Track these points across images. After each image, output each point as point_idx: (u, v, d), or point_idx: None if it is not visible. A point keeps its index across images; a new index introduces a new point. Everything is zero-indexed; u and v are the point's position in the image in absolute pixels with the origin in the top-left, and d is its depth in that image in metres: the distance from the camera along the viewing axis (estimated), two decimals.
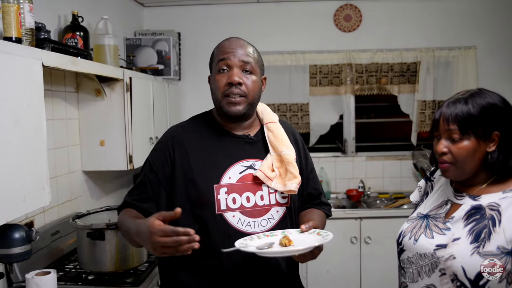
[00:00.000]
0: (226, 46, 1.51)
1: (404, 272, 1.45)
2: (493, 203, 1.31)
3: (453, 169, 1.35)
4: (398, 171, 4.13)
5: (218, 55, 1.51)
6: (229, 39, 1.55)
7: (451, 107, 1.33)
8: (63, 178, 2.50)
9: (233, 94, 1.47)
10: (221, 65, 1.49)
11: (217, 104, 1.52)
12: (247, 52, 1.51)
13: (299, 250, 1.26)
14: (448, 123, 1.32)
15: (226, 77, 1.48)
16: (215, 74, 1.51)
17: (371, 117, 4.48)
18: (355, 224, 3.57)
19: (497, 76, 3.94)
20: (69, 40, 2.37)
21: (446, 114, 1.33)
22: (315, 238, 1.34)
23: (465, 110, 1.31)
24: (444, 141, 1.35)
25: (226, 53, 1.49)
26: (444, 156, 1.35)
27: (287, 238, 1.32)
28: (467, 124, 1.30)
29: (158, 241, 1.21)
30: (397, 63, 3.98)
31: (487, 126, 1.31)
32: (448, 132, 1.33)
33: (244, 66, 1.49)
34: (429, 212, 1.47)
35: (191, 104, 4.00)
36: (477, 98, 1.33)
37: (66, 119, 2.54)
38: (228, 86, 1.47)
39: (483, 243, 1.26)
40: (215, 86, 1.51)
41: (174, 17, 4.02)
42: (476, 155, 1.32)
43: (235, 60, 1.48)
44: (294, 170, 1.52)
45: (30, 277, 1.55)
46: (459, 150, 1.32)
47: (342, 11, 3.99)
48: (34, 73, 1.68)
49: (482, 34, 3.97)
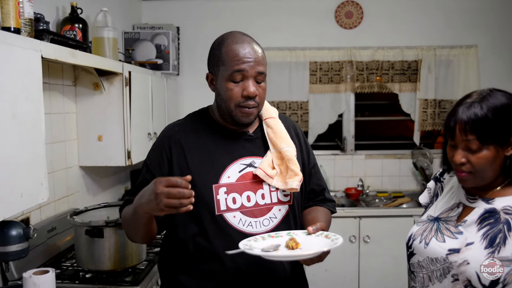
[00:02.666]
0: (241, 54, 1.40)
1: (414, 276, 1.41)
2: (508, 206, 1.27)
3: (472, 177, 1.29)
4: (397, 170, 4.11)
5: (232, 63, 1.40)
6: (242, 43, 1.42)
7: (466, 113, 1.25)
8: (59, 174, 2.44)
9: (249, 106, 1.42)
10: (236, 76, 1.40)
11: (227, 111, 1.45)
12: (261, 60, 1.43)
13: (307, 254, 1.21)
14: (466, 133, 1.24)
15: (240, 88, 1.40)
16: (227, 82, 1.41)
17: (365, 115, 4.44)
18: (354, 223, 3.54)
19: (498, 75, 3.92)
20: (68, 32, 2.31)
21: (463, 122, 1.25)
22: (324, 242, 1.29)
23: (482, 116, 1.23)
24: (462, 151, 1.27)
25: (242, 63, 1.39)
26: (463, 167, 1.28)
27: (294, 240, 1.28)
28: (486, 133, 1.23)
29: (163, 190, 1.18)
30: (398, 61, 3.94)
31: (504, 131, 1.25)
32: (466, 142, 1.26)
33: (259, 76, 1.42)
34: (440, 214, 1.43)
35: (189, 99, 3.94)
36: (490, 100, 1.25)
37: (64, 113, 2.48)
38: (244, 98, 1.41)
39: (498, 248, 1.22)
40: (227, 95, 1.42)
41: (173, 11, 3.96)
42: (496, 162, 1.27)
43: (252, 71, 1.40)
44: (295, 167, 1.47)
45: (28, 276, 1.50)
46: (478, 160, 1.26)
47: (344, 8, 3.95)
48: (32, 65, 1.63)
49: (483, 33, 3.94)
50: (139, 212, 1.31)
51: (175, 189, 1.18)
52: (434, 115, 3.96)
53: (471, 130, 1.24)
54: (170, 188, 1.18)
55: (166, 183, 1.19)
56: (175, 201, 1.18)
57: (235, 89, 1.41)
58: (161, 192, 1.18)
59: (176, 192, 1.18)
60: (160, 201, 1.19)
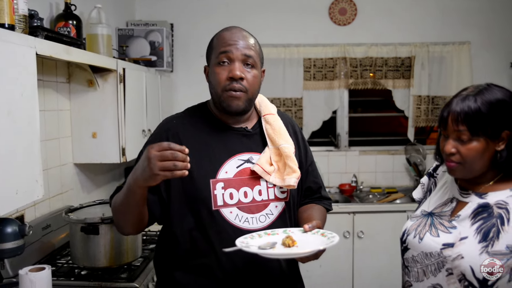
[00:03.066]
0: (227, 37, 1.44)
1: (408, 271, 1.43)
2: (501, 201, 1.29)
3: (461, 168, 1.32)
4: (391, 165, 4.14)
5: (219, 46, 1.44)
6: (230, 29, 1.47)
7: (460, 104, 1.28)
8: (54, 171, 2.43)
9: (234, 89, 1.41)
10: (221, 58, 1.42)
11: (216, 98, 1.46)
12: (250, 44, 1.45)
13: (304, 253, 1.22)
14: (458, 123, 1.27)
15: (227, 70, 1.41)
16: (215, 67, 1.43)
17: (357, 112, 4.45)
18: (348, 219, 3.56)
19: (491, 72, 3.95)
20: (62, 29, 2.30)
21: (455, 113, 1.28)
22: (320, 240, 1.30)
23: (475, 109, 1.26)
24: (453, 141, 1.30)
25: (228, 45, 1.42)
26: (452, 157, 1.31)
27: (290, 238, 1.28)
28: (477, 125, 1.26)
29: (155, 154, 1.17)
30: (392, 57, 3.96)
31: (496, 125, 1.27)
32: (457, 132, 1.28)
33: (246, 59, 1.42)
34: (434, 210, 1.45)
35: (183, 96, 3.94)
36: (486, 95, 1.28)
37: (58, 110, 2.47)
38: (229, 81, 1.41)
39: (491, 242, 1.24)
40: (215, 79, 1.43)
41: (166, 8, 3.95)
42: (485, 155, 1.29)
43: (238, 53, 1.41)
44: (293, 164, 1.47)
45: (24, 273, 1.49)
46: (468, 151, 1.28)
47: (337, 4, 3.96)
48: (27, 61, 1.62)
49: (476, 29, 3.98)
50: (132, 189, 1.28)
51: (167, 151, 1.17)
52: (427, 111, 3.98)
53: (462, 121, 1.26)
54: (163, 151, 1.18)
55: (158, 148, 1.18)
56: (169, 163, 1.17)
57: (222, 72, 1.42)
58: (154, 156, 1.17)
59: (169, 154, 1.17)
60: (154, 165, 1.17)
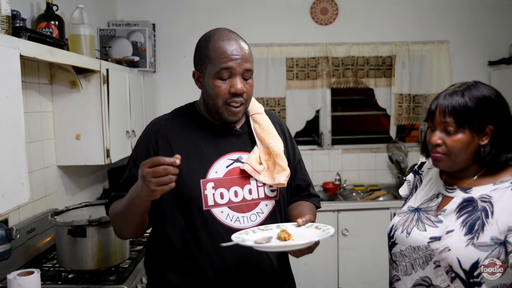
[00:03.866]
0: (228, 51, 1.40)
1: (396, 265, 1.45)
2: (485, 195, 1.33)
3: (445, 159, 1.36)
4: (373, 163, 4.19)
5: (219, 61, 1.40)
6: (229, 40, 1.42)
7: (448, 99, 1.34)
8: (37, 174, 2.40)
9: (236, 104, 1.42)
10: (223, 74, 1.40)
11: (214, 109, 1.45)
12: (249, 58, 1.44)
13: (302, 244, 1.22)
14: (445, 115, 1.33)
15: (228, 85, 1.40)
16: (214, 80, 1.41)
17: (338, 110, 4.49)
18: (332, 217, 3.60)
19: (469, 70, 4.04)
20: (44, 30, 2.27)
21: (443, 106, 1.34)
22: (315, 232, 1.31)
23: (462, 103, 1.31)
24: (439, 132, 1.35)
25: (230, 61, 1.39)
26: (438, 148, 1.36)
27: (286, 232, 1.29)
28: (463, 117, 1.31)
29: (148, 171, 1.18)
30: (373, 56, 4.01)
31: (481, 120, 1.32)
32: (444, 124, 1.34)
33: (246, 73, 1.43)
34: (420, 205, 1.48)
35: (165, 96, 3.93)
36: (473, 91, 1.34)
37: (40, 112, 2.44)
38: (231, 95, 1.41)
39: (477, 235, 1.28)
40: (215, 93, 1.42)
41: (148, 8, 3.92)
42: (470, 147, 1.34)
43: (239, 69, 1.40)
44: (282, 163, 1.48)
45: (12, 278, 1.47)
46: (453, 143, 1.33)
47: (319, 4, 3.99)
48: (11, 63, 1.60)
49: (454, 29, 4.06)
50: (136, 202, 1.29)
51: (159, 167, 1.18)
52: (409, 109, 4.05)
53: (450, 113, 1.32)
54: (155, 167, 1.18)
55: (150, 164, 1.19)
56: (163, 179, 1.18)
57: (223, 86, 1.41)
58: (147, 173, 1.18)
59: (162, 170, 1.17)
60: (149, 183, 1.18)
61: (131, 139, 3.00)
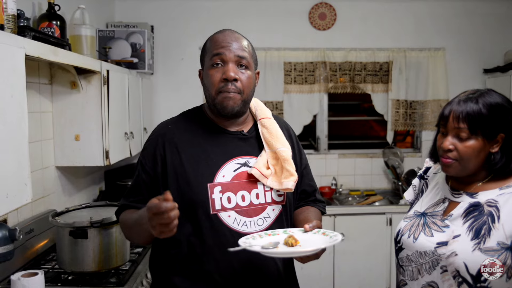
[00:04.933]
0: (220, 39, 1.45)
1: (403, 270, 1.46)
2: (491, 199, 1.34)
3: (456, 165, 1.37)
4: (369, 168, 4.21)
5: (212, 49, 1.45)
6: (223, 31, 1.48)
7: (462, 105, 1.35)
8: (36, 174, 2.37)
9: (229, 90, 1.41)
10: (215, 60, 1.43)
11: (211, 100, 1.46)
12: (243, 46, 1.46)
13: (309, 251, 1.22)
14: (459, 121, 1.33)
15: (220, 72, 1.42)
16: (209, 69, 1.44)
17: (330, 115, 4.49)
18: (329, 221, 3.60)
19: (465, 77, 4.09)
20: (46, 29, 2.25)
21: (457, 112, 1.34)
22: (322, 239, 1.31)
23: (476, 109, 1.32)
24: (451, 138, 1.36)
25: (221, 47, 1.43)
26: (449, 153, 1.36)
27: (293, 237, 1.29)
28: (477, 124, 1.32)
29: (153, 218, 1.17)
30: (370, 62, 4.04)
31: (494, 127, 1.33)
32: (457, 130, 1.34)
33: (240, 61, 1.43)
34: (426, 210, 1.49)
35: (163, 98, 3.91)
36: (487, 98, 1.35)
37: (40, 112, 2.42)
38: (224, 83, 1.41)
39: (483, 239, 1.29)
40: (209, 82, 1.44)
41: (146, 10, 3.92)
42: (481, 155, 1.35)
43: (231, 55, 1.42)
44: (290, 168, 1.48)
45: (16, 279, 1.46)
46: (465, 149, 1.34)
47: (317, 9, 4.01)
48: (17, 62, 1.59)
49: (450, 36, 4.10)
50: (144, 228, 1.27)
51: (164, 215, 1.15)
52: (406, 115, 4.07)
53: (464, 119, 1.33)
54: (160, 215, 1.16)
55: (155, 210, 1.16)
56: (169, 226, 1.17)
57: (216, 74, 1.43)
58: (153, 219, 1.17)
59: (167, 218, 1.16)
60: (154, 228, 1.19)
61: (130, 141, 2.98)
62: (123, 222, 1.47)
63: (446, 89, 4.05)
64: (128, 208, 1.47)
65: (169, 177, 1.43)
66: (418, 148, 4.26)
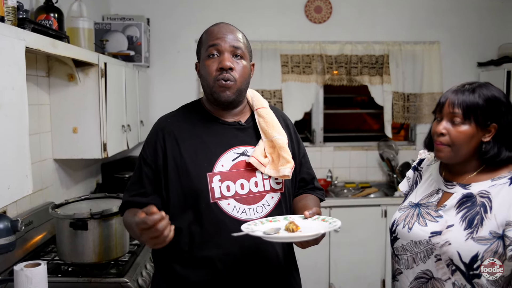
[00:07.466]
0: (215, 31, 1.50)
1: (398, 259, 1.50)
2: (483, 190, 1.38)
3: (448, 150, 1.41)
4: (365, 161, 4.25)
5: (208, 40, 1.49)
6: (218, 24, 1.53)
7: (459, 94, 1.39)
8: (34, 167, 2.35)
9: (224, 79, 1.45)
10: (211, 51, 1.47)
11: (208, 90, 1.50)
12: (237, 37, 1.51)
13: (310, 235, 1.25)
14: (454, 106, 1.38)
15: (216, 62, 1.46)
16: (205, 60, 1.49)
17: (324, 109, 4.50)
18: (325, 213, 3.54)
19: (459, 71, 4.12)
20: (43, 22, 2.25)
21: (453, 99, 1.39)
22: (322, 225, 1.35)
23: (472, 98, 1.37)
24: (445, 123, 1.40)
25: (217, 39, 1.47)
26: (442, 138, 1.40)
27: (293, 223, 1.32)
28: (471, 110, 1.36)
29: (146, 238, 1.23)
30: (366, 55, 4.06)
31: (487, 116, 1.37)
32: (451, 115, 1.39)
33: (235, 51, 1.48)
34: (420, 201, 1.53)
35: (159, 91, 3.92)
36: (483, 90, 1.39)
37: (38, 105, 2.43)
38: (220, 72, 1.45)
39: (476, 229, 1.33)
40: (205, 72, 1.48)
41: (141, 2, 3.91)
42: (472, 141, 1.38)
43: (226, 45, 1.47)
44: (286, 155, 1.52)
45: (19, 269, 1.47)
46: (457, 134, 1.38)
47: (313, 3, 4.02)
48: (17, 54, 1.60)
49: (445, 30, 4.13)
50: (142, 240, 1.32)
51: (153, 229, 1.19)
52: (404, 108, 4.11)
53: (459, 105, 1.38)
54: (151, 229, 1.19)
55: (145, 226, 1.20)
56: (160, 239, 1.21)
57: (212, 64, 1.47)
58: (144, 234, 1.22)
59: (155, 231, 1.20)
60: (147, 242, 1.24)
61: (127, 134, 3.00)
62: (125, 224, 1.51)
63: (440, 82, 4.08)
64: (130, 205, 1.51)
65: (169, 168, 1.47)
66: (413, 141, 4.30)
